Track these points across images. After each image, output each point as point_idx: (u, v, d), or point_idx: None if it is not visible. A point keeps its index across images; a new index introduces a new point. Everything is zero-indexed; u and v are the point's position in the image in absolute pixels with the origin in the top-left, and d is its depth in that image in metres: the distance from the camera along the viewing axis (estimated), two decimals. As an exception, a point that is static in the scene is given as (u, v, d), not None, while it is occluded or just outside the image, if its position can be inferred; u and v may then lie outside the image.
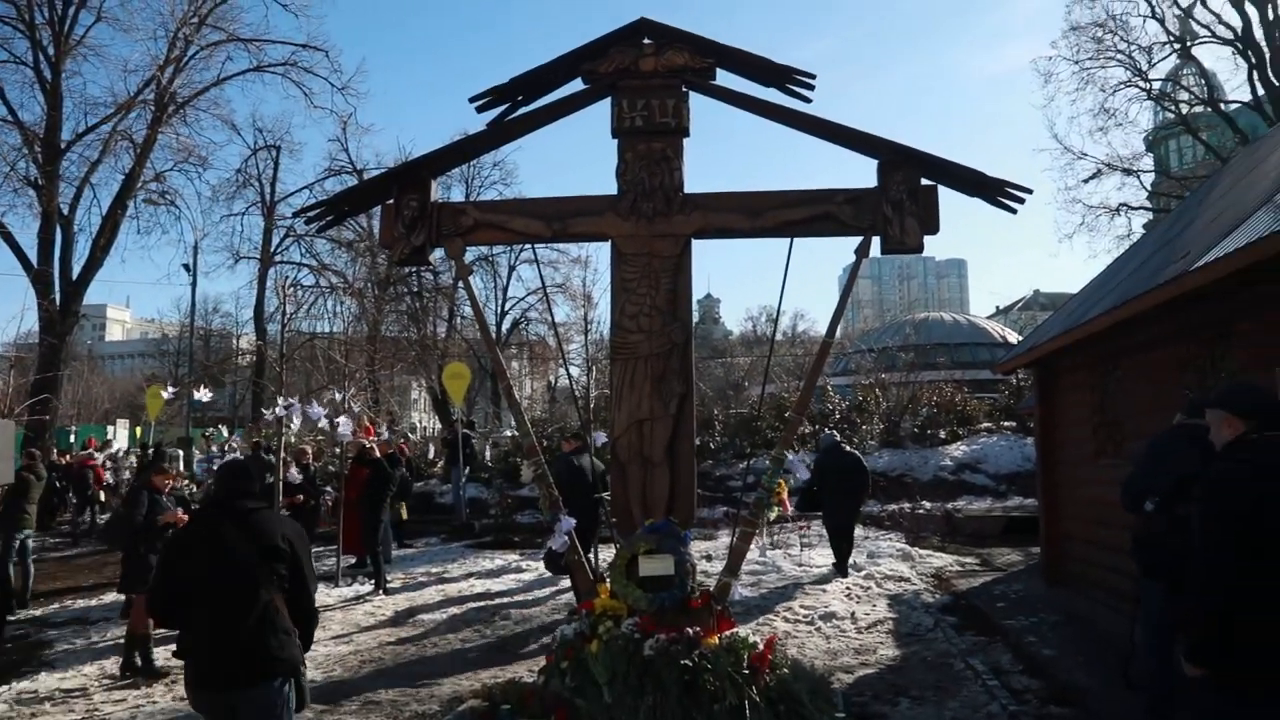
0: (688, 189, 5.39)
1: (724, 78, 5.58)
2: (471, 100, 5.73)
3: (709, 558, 12.25)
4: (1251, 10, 21.73)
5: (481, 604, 10.52)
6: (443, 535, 16.87)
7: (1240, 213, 6.71)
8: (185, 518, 8.32)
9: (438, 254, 5.92)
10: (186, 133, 28.45)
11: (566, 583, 9.40)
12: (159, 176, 28.73)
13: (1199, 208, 9.82)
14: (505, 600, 10.75)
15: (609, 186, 5.52)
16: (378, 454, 12.00)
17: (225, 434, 22.92)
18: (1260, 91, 21.76)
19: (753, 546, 5.49)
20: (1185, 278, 6.23)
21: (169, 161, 28.73)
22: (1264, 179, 7.63)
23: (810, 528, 14.21)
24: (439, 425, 33.30)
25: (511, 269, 34.58)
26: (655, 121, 5.41)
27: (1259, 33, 21.61)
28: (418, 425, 40.90)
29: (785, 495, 5.22)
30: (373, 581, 11.37)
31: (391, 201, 5.70)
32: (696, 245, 5.39)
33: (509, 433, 20.12)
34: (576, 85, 5.72)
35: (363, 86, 59.35)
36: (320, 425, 12.56)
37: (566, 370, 13.93)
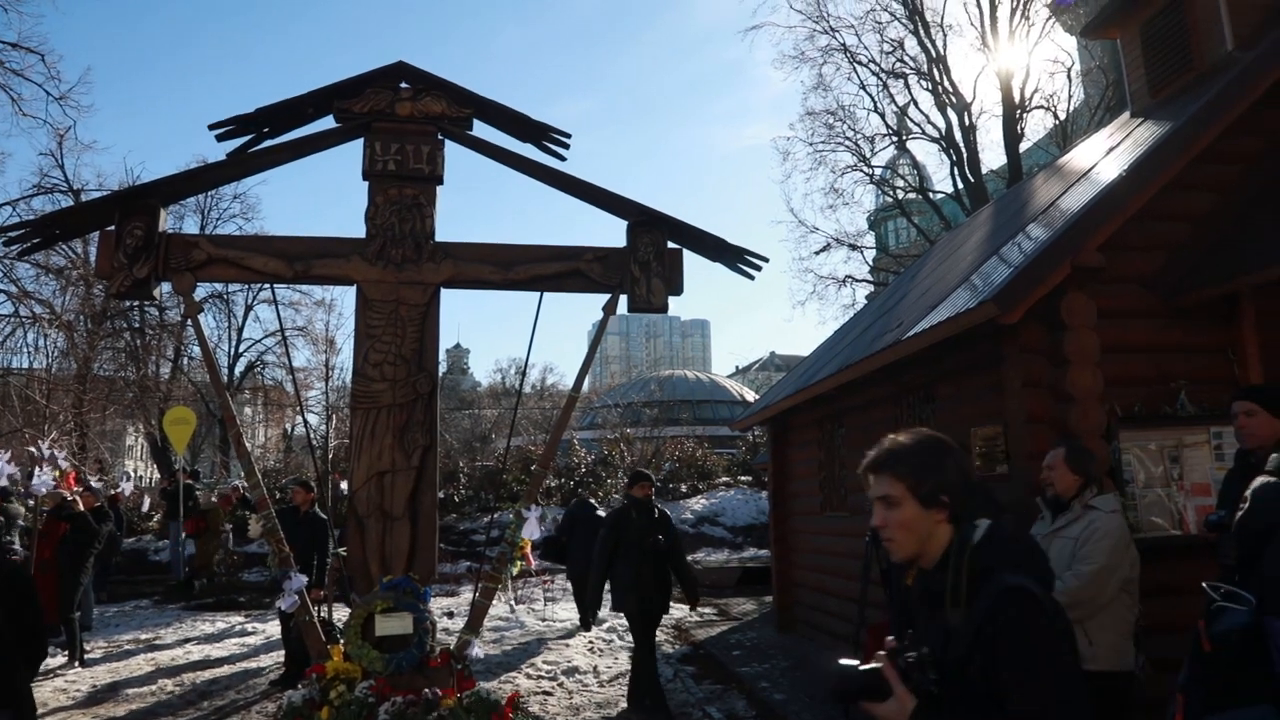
0: (439, 237, 5.31)
1: (482, 129, 5.58)
2: (212, 128, 5.35)
3: (451, 614, 11.91)
4: (952, 115, 24.71)
5: (199, 673, 9.62)
6: (156, 597, 15.34)
7: (943, 290, 7.51)
8: None
9: (164, 288, 5.44)
10: None
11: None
12: None
13: (910, 283, 10.91)
14: (227, 668, 9.89)
15: (360, 229, 5.34)
16: (81, 507, 10.75)
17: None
18: (960, 185, 24.70)
19: (496, 602, 5.35)
20: (898, 346, 6.87)
21: None
22: (962, 261, 8.60)
23: (555, 582, 14.19)
24: (158, 474, 30.46)
25: (249, 308, 32.61)
26: (409, 167, 5.30)
27: (959, 135, 24.59)
28: (132, 475, 37.16)
29: (529, 549, 5.17)
30: (66, 652, 10.09)
31: (113, 228, 5.18)
32: (447, 294, 5.31)
33: (237, 483, 18.73)
34: (329, 123, 5.51)
35: (86, 99, 53.37)
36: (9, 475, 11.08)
37: (304, 418, 13.20)
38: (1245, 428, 4.05)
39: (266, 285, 5.93)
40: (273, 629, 11.63)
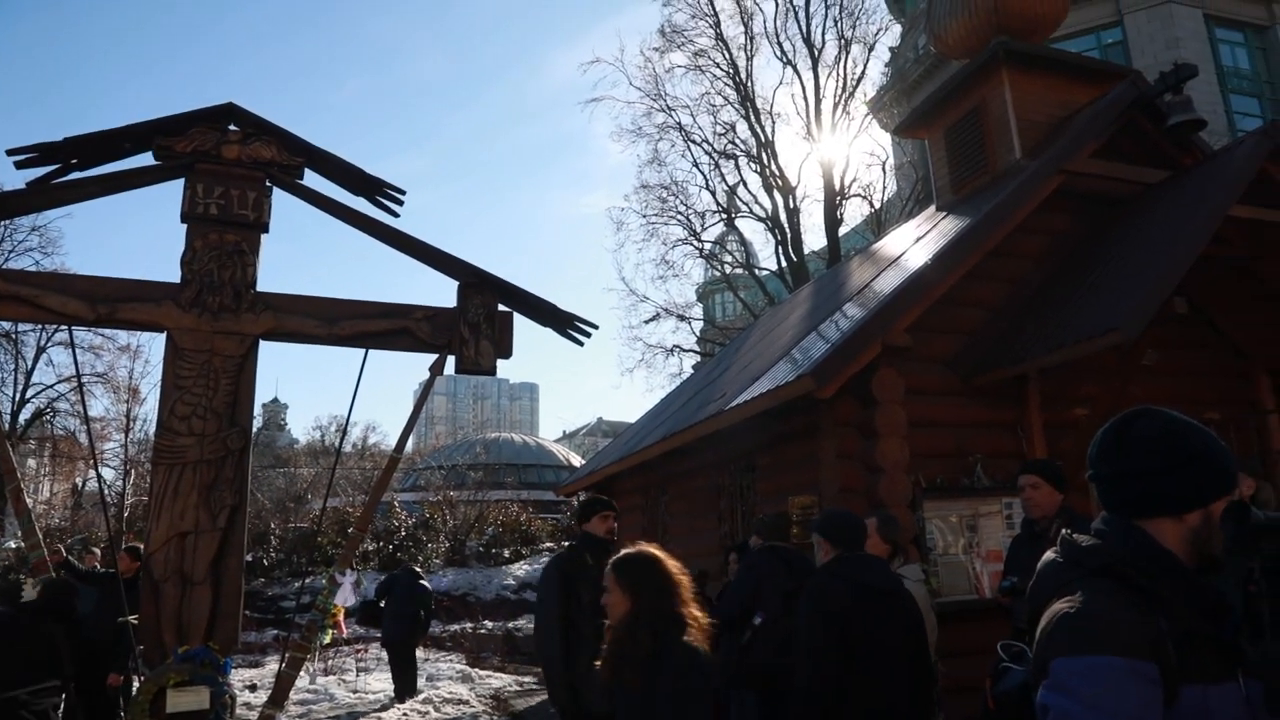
0: (261, 287, 5.11)
1: (314, 180, 5.43)
2: (10, 153, 4.97)
3: (253, 687, 11.16)
4: (778, 197, 26.09)
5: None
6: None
7: (765, 363, 7.82)
8: None
9: (-61, 327, 4.97)
10: None
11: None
12: None
13: (734, 355, 11.30)
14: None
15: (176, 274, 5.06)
16: None
17: None
18: (784, 263, 25.94)
19: (303, 673, 5.05)
20: (720, 415, 7.08)
21: None
22: (784, 336, 9.00)
23: (368, 651, 13.58)
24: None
25: (41, 350, 29.89)
26: (232, 212, 5.09)
27: (784, 216, 25.92)
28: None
29: (341, 617, 4.94)
30: None
31: (-120, 258, 4.71)
32: (266, 346, 5.09)
33: (13, 544, 17.04)
34: (148, 159, 5.23)
35: None
36: None
37: (98, 472, 12.21)
38: (1030, 499, 4.42)
39: (64, 327, 5.49)
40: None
